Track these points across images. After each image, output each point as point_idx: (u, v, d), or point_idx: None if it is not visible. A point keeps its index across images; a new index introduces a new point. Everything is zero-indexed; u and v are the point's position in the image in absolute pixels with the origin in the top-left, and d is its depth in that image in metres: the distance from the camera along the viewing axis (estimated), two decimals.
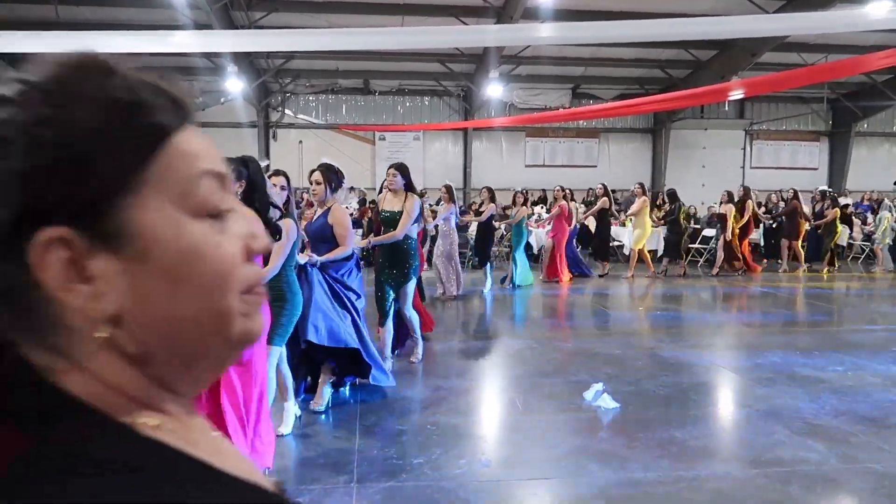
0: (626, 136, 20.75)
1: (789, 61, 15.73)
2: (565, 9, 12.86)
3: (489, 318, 8.62)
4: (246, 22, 14.24)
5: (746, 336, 7.46)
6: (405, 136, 19.76)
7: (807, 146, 21.13)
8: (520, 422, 4.52)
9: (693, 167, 20.33)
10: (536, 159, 20.33)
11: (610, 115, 17.90)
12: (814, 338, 7.24)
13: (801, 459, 3.85)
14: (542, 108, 19.18)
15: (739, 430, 4.47)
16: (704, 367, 5.99)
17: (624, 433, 4.26)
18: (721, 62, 16.41)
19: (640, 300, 10.02)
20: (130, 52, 13.65)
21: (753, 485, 3.53)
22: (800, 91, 19.31)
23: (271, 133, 19.44)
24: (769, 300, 10.28)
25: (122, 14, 14.02)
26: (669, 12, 11.99)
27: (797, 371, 5.77)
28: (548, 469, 3.74)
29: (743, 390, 5.37)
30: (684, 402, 4.92)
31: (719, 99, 16.37)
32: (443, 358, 6.26)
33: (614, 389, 5.01)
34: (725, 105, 20.00)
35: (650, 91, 18.60)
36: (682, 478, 3.60)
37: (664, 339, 7.01)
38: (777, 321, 8.58)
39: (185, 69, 17.43)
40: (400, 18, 14.06)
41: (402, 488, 3.45)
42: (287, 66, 17.90)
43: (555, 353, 6.37)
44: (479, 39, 11.43)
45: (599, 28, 8.11)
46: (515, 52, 16.45)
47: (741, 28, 8.40)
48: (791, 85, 13.72)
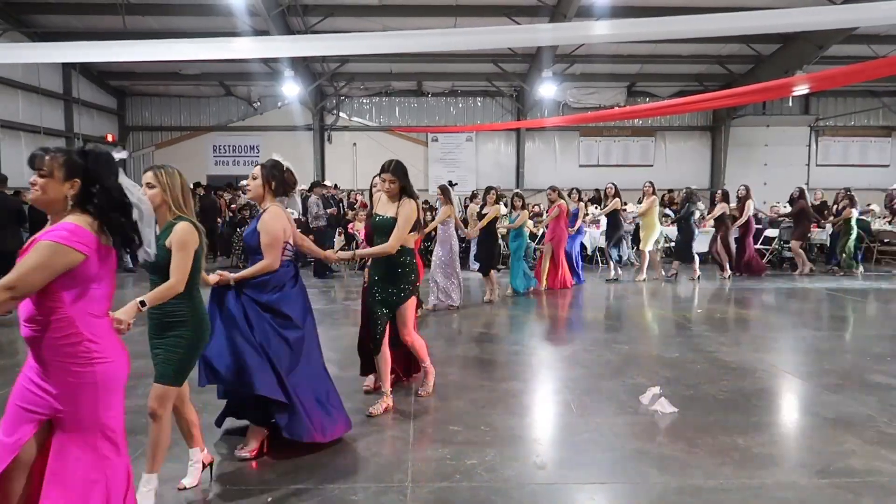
0: (684, 134, 20.26)
1: (858, 54, 15.06)
2: (620, 5, 12.66)
3: (541, 320, 8.52)
4: (302, 27, 14.52)
5: (810, 339, 7.17)
6: (458, 137, 19.80)
7: (877, 142, 20.19)
8: (575, 424, 4.46)
9: (754, 165, 19.69)
10: (590, 159, 20.06)
11: (667, 113, 17.49)
12: (885, 342, 6.89)
13: (874, 470, 3.67)
14: (596, 106, 18.92)
15: (806, 438, 4.29)
16: (767, 371, 5.78)
17: (684, 438, 4.14)
18: (784, 56, 15.86)
19: (688, 302, 9.75)
20: (193, 58, 14.13)
21: (822, 495, 3.38)
22: (870, 85, 18.49)
23: (326, 136, 19.77)
24: (827, 302, 9.86)
25: (185, 22, 14.50)
26: (728, 6, 11.66)
27: (868, 377, 5.51)
28: (604, 473, 3.68)
29: (810, 396, 5.16)
30: (747, 407, 4.76)
31: (783, 94, 15.75)
32: (495, 359, 6.22)
33: (672, 393, 4.89)
34: (789, 101, 19.28)
35: (709, 87, 18.13)
36: (745, 486, 3.48)
37: (724, 343, 6.81)
38: (842, 324, 8.22)
39: (244, 75, 17.96)
40: (453, 20, 14.10)
41: (456, 489, 3.45)
42: (342, 70, 18.18)
43: (610, 356, 6.26)
44: (532, 39, 11.34)
45: (656, 24, 7.92)
46: (569, 50, 16.29)
47: (805, 20, 8.06)
48: (861, 79, 13.11)
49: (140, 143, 19.96)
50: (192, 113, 19.79)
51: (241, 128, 19.74)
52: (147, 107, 19.83)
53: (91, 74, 17.77)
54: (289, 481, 3.57)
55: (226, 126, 19.75)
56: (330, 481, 3.56)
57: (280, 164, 3.95)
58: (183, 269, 3.00)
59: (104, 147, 2.60)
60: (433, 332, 7.42)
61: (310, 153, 19.34)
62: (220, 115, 19.80)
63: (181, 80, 18.49)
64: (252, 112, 19.70)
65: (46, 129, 15.67)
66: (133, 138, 19.92)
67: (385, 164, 4.53)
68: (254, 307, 3.74)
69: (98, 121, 18.36)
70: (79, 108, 17.02)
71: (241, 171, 18.57)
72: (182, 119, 19.81)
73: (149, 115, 19.89)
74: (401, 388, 5.15)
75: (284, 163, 3.99)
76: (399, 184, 4.51)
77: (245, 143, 19.74)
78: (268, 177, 3.88)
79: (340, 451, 3.97)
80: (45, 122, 15.65)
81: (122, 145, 19.56)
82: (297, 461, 3.79)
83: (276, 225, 3.77)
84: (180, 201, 3.13)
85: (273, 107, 19.60)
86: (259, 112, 19.70)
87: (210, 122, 19.78)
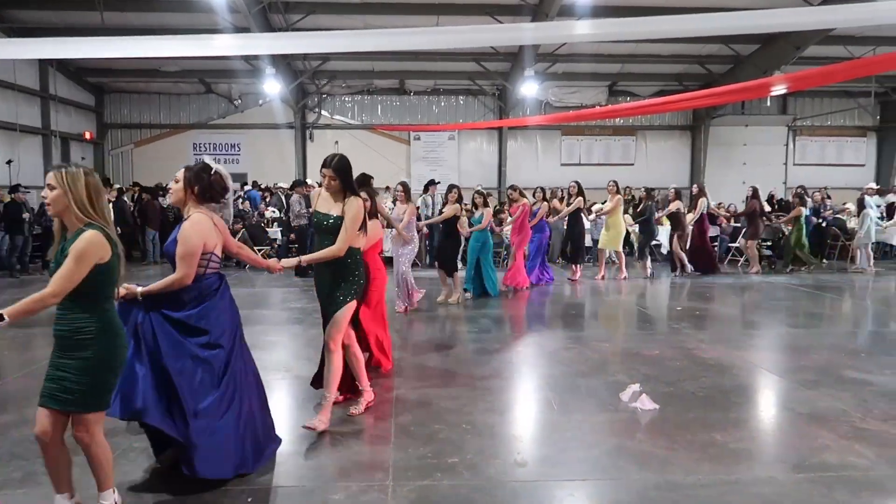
0: (665, 133, 20.44)
1: (835, 55, 15.28)
2: (602, 5, 12.73)
3: (520, 319, 8.56)
4: (283, 25, 14.44)
5: (787, 337, 7.27)
6: (440, 135, 19.81)
7: (853, 142, 20.53)
8: (556, 422, 4.48)
9: (733, 164, 19.93)
10: (572, 158, 20.16)
11: (647, 112, 17.60)
12: (860, 339, 7.01)
13: (847, 464, 3.74)
14: (578, 105, 19.02)
15: (782, 434, 4.35)
16: (745, 368, 5.86)
17: (663, 435, 4.19)
18: (763, 57, 16.05)
19: (672, 300, 9.85)
20: (173, 55, 14.00)
21: (797, 489, 3.44)
22: (846, 85, 18.78)
23: (308, 134, 19.67)
24: (808, 300, 10.01)
25: (165, 19, 14.36)
26: (708, 6, 11.78)
27: (843, 374, 5.60)
28: (585, 470, 3.70)
29: (786, 392, 5.24)
30: (725, 404, 4.82)
31: (761, 94, 15.95)
32: (477, 357, 6.24)
33: (652, 390, 4.94)
34: (767, 101, 19.55)
35: (689, 87, 18.31)
36: (723, 481, 3.53)
37: (704, 340, 6.88)
38: (818, 322, 8.35)
39: (224, 72, 17.81)
40: (435, 18, 14.10)
41: (438, 488, 3.45)
42: (324, 68, 18.11)
43: (591, 353, 6.30)
44: (514, 38, 11.34)
45: (637, 24, 7.97)
46: (551, 49, 16.36)
47: (784, 21, 8.16)
48: (837, 79, 13.32)
49: (119, 140, 19.72)
50: (172, 110, 19.59)
51: (222, 126, 19.58)
52: (126, 104, 19.61)
53: (68, 71, 17.52)
54: (269, 481, 3.55)
55: (206, 124, 19.58)
56: (310, 480, 3.55)
57: (208, 168, 3.60)
58: (66, 279, 2.66)
59: None
60: (410, 331, 7.43)
61: (291, 151, 19.23)
62: (200, 112, 19.62)
63: (161, 76, 18.29)
64: (233, 110, 19.55)
65: (23, 126, 15.43)
66: (111, 136, 19.68)
67: (328, 157, 4.17)
68: (165, 325, 3.35)
69: (76, 118, 18.12)
70: (56, 105, 16.78)
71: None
72: (162, 117, 19.61)
73: (127, 113, 19.66)
74: (379, 387, 5.15)
75: (216, 166, 3.64)
76: (339, 183, 4.14)
77: (226, 141, 19.57)
78: (191, 181, 3.52)
79: (321, 450, 3.97)
80: (22, 120, 15.41)
81: (100, 143, 19.33)
82: (278, 460, 3.78)
83: (195, 235, 3.41)
84: (86, 205, 2.78)
85: (254, 104, 19.47)
86: (240, 110, 19.55)
87: (190, 119, 19.59)
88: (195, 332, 3.40)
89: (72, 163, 2.92)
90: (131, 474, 3.57)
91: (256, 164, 18.84)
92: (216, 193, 3.63)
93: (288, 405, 4.86)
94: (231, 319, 3.60)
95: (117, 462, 3.32)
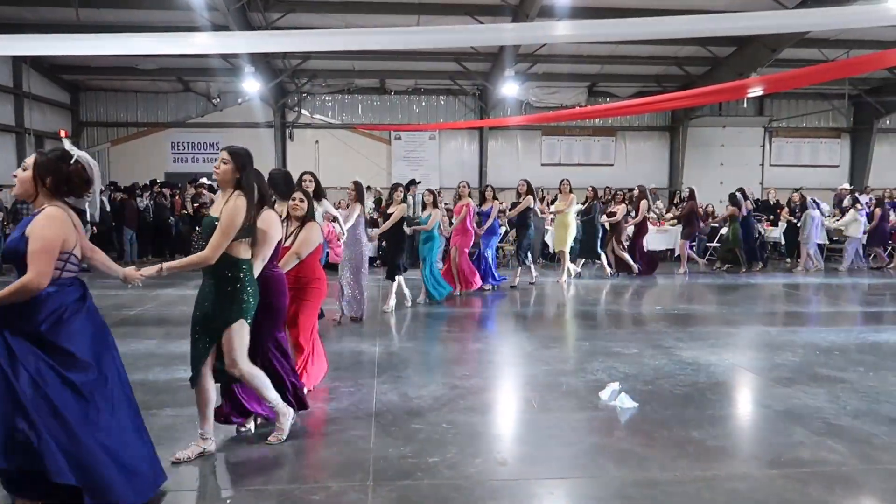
0: (644, 134, 20.61)
1: (810, 57, 15.52)
2: (581, 6, 12.81)
3: (500, 317, 8.59)
4: (263, 23, 14.33)
5: (764, 336, 7.38)
6: (421, 135, 19.79)
7: (827, 143, 20.86)
8: (536, 421, 4.51)
9: (711, 165, 20.15)
10: (552, 158, 20.25)
11: (627, 113, 17.76)
12: (834, 337, 7.13)
13: (821, 460, 3.81)
14: (558, 106, 19.11)
15: (758, 430, 4.43)
16: (721, 366, 5.93)
17: (642, 433, 4.23)
18: (740, 59, 16.25)
19: (650, 299, 9.95)
20: (150, 53, 13.84)
21: (772, 485, 3.49)
22: (820, 87, 19.06)
23: (288, 133, 19.55)
24: (782, 299, 10.16)
25: (142, 16, 14.18)
26: (687, 8, 11.90)
27: (817, 371, 5.70)
28: (564, 468, 3.73)
29: (761, 390, 5.32)
30: (702, 401, 4.88)
31: (738, 96, 16.19)
32: (457, 356, 6.26)
33: (631, 389, 4.98)
34: (744, 102, 19.80)
35: (668, 88, 18.48)
36: (700, 478, 3.57)
37: (683, 339, 6.96)
38: (795, 320, 8.49)
39: (203, 70, 17.64)
40: (416, 18, 14.08)
41: (418, 487, 3.46)
42: (303, 67, 17.99)
43: (571, 353, 6.35)
44: (494, 38, 11.39)
45: (616, 25, 8.07)
46: (531, 50, 16.41)
47: (760, 24, 8.30)
48: (811, 81, 13.53)
49: (95, 139, 19.43)
50: (150, 109, 19.35)
51: (201, 124, 19.37)
52: (102, 102, 19.32)
53: (43, 68, 17.23)
54: (248, 482, 3.53)
55: (184, 122, 19.36)
56: (289, 482, 3.53)
57: (67, 156, 3.04)
58: None
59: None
60: (389, 331, 7.42)
61: (271, 151, 19.09)
62: (178, 111, 19.41)
63: (138, 74, 18.05)
64: (212, 108, 19.35)
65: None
66: (88, 134, 19.38)
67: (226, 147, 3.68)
68: (20, 341, 2.83)
69: (50, 116, 17.83)
70: (30, 102, 16.49)
71: (202, 168, 18.19)
72: (139, 115, 19.35)
73: (104, 111, 19.37)
74: (362, 388, 5.14)
75: (77, 153, 3.08)
76: (235, 169, 3.59)
77: (205, 139, 19.38)
78: (43, 170, 2.97)
79: (300, 450, 3.95)
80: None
81: (76, 141, 19.05)
82: (256, 462, 3.76)
83: (52, 227, 2.89)
84: None
85: (233, 103, 19.29)
86: (219, 108, 19.36)
87: (168, 118, 19.37)
88: (56, 351, 2.88)
89: None
90: None
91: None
92: (76, 187, 3.07)
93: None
94: (96, 336, 3.07)
95: None
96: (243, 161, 3.61)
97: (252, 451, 3.89)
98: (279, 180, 5.13)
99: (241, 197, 3.55)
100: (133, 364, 5.19)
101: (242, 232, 3.54)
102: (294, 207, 4.84)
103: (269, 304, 3.93)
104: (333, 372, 5.44)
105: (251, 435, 4.13)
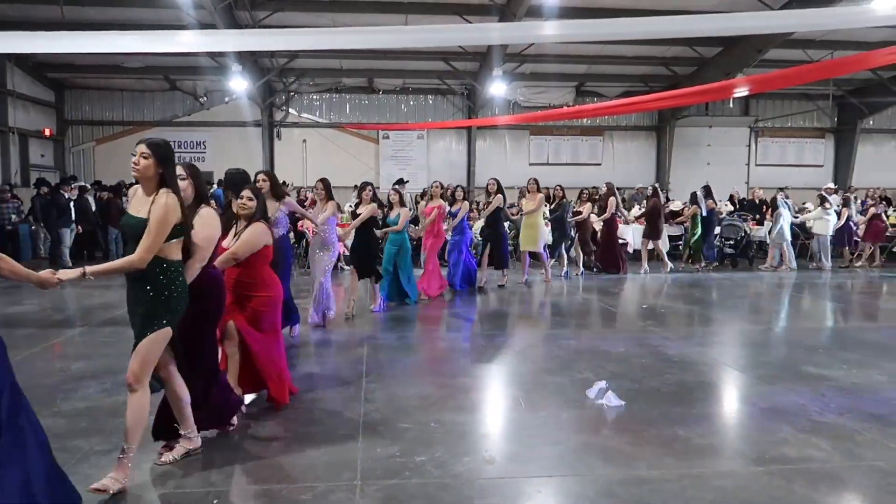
0: (631, 133, 20.72)
1: (795, 58, 15.67)
2: (569, 6, 12.86)
3: (487, 316, 8.60)
4: (250, 21, 14.26)
5: (749, 334, 7.44)
6: (409, 134, 19.78)
7: (812, 143, 21.09)
8: (523, 419, 4.52)
9: (698, 165, 20.29)
10: (540, 157, 20.31)
11: (614, 112, 17.86)
12: (819, 335, 7.21)
13: (805, 457, 3.84)
14: (545, 106, 19.17)
15: (744, 428, 4.46)
16: (708, 364, 5.98)
17: (629, 431, 4.25)
18: (726, 59, 16.37)
19: (636, 297, 10.00)
20: (136, 51, 13.73)
21: (758, 482, 3.52)
22: (805, 88, 19.25)
23: (275, 132, 19.47)
24: (769, 298, 10.25)
25: (128, 14, 14.08)
26: (674, 9, 11.98)
27: (802, 368, 5.76)
28: (552, 467, 3.74)
29: (747, 388, 5.36)
30: (689, 399, 4.91)
31: (724, 96, 16.33)
32: (446, 355, 6.26)
33: (618, 387, 5.01)
34: (730, 102, 19.97)
35: (655, 88, 18.58)
36: (686, 475, 3.60)
37: (669, 337, 7.00)
38: (780, 319, 8.56)
39: (190, 69, 17.53)
40: (404, 17, 14.07)
41: (406, 486, 3.46)
42: (291, 66, 17.93)
43: (558, 351, 6.37)
44: (482, 38, 11.40)
45: (603, 25, 8.09)
46: (519, 50, 16.45)
47: (746, 25, 8.36)
48: (796, 82, 13.68)
49: (80, 138, 19.26)
50: (136, 107, 19.20)
51: (187, 123, 19.25)
52: (87, 100, 19.15)
53: (27, 66, 17.04)
54: (234, 482, 3.52)
55: (171, 121, 19.23)
56: (277, 481, 3.52)
57: None
58: None
59: None
60: (376, 331, 7.41)
61: (259, 150, 19.01)
62: (164, 109, 19.27)
63: (123, 73, 17.92)
64: (198, 107, 19.23)
65: None
66: (72, 133, 19.21)
67: (145, 140, 3.42)
68: None
69: (34, 114, 17.65)
70: (14, 101, 16.32)
71: None
72: (125, 114, 19.20)
73: (89, 109, 19.20)
74: (349, 387, 5.13)
75: None
76: (156, 164, 3.33)
77: (191, 138, 19.26)
78: None
79: (287, 450, 3.94)
80: None
81: (61, 140, 18.86)
82: (243, 462, 3.74)
83: None
84: None
85: (220, 102, 19.19)
86: (206, 107, 19.24)
87: (154, 116, 19.23)
88: None
89: None
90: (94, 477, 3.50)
91: (223, 162, 18.37)
92: None
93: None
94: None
95: (79, 465, 3.25)
96: (164, 153, 3.35)
97: (238, 451, 3.87)
98: (236, 180, 5.00)
99: (170, 194, 3.28)
100: (121, 364, 5.14)
101: (175, 232, 3.30)
102: (242, 206, 4.48)
103: (204, 308, 3.70)
104: (321, 370, 5.43)
105: (236, 437, 4.11)
